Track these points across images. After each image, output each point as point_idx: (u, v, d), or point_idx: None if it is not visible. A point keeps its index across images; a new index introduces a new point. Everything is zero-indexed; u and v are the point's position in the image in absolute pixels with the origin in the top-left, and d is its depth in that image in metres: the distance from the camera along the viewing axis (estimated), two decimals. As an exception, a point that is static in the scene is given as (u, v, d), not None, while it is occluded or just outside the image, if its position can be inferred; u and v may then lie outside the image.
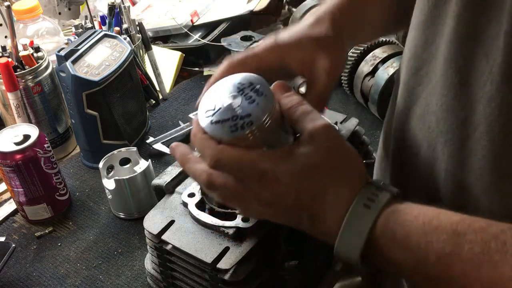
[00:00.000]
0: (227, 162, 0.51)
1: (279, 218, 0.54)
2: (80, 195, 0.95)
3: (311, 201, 0.50)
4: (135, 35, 1.11)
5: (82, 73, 0.91)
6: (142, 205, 0.87)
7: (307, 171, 0.50)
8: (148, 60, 1.16)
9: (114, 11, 1.10)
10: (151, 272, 0.73)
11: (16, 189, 0.87)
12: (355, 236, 0.48)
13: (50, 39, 1.15)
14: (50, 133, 1.02)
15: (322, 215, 0.50)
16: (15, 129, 0.86)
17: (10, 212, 0.92)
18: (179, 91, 1.20)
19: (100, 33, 0.98)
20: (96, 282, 0.79)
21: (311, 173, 0.50)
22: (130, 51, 0.98)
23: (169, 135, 1.04)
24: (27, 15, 1.10)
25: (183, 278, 0.67)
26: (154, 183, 0.72)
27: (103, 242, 0.85)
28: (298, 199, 0.50)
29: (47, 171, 0.87)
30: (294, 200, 0.50)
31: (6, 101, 0.98)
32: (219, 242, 0.63)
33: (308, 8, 1.21)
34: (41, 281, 0.80)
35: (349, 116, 0.83)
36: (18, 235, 0.88)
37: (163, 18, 1.34)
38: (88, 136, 0.97)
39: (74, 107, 0.93)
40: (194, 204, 0.66)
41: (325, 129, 0.52)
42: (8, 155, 0.82)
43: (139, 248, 0.83)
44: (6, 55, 0.97)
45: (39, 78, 0.96)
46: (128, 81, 0.99)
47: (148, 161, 0.88)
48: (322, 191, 0.50)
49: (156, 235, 0.66)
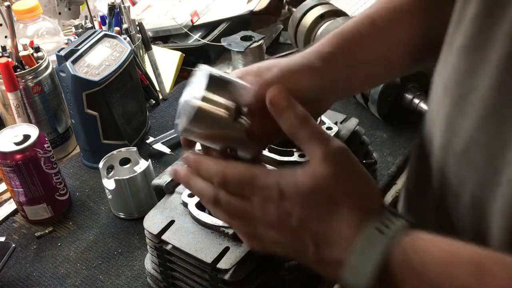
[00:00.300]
0: (233, 177, 0.50)
1: (283, 245, 0.50)
2: (80, 195, 0.95)
3: (316, 222, 0.47)
4: (135, 35, 1.11)
5: (82, 73, 0.91)
6: (142, 205, 0.87)
7: (316, 192, 0.47)
8: (148, 60, 1.16)
9: (114, 11, 1.10)
10: (151, 272, 0.73)
11: (16, 189, 0.87)
12: (365, 262, 0.44)
13: (50, 39, 1.15)
14: (50, 133, 1.02)
15: (328, 239, 0.46)
16: (15, 129, 0.86)
17: (10, 212, 0.92)
18: (179, 91, 1.20)
19: (100, 33, 0.98)
20: (96, 282, 0.79)
21: (320, 195, 0.47)
22: (130, 51, 0.98)
23: (169, 135, 1.03)
24: (27, 15, 1.10)
25: (183, 278, 0.67)
26: (154, 183, 0.72)
27: (103, 242, 0.85)
28: (303, 219, 0.47)
29: (47, 171, 0.87)
30: (299, 220, 0.47)
31: (6, 101, 0.98)
32: (219, 242, 0.63)
33: (308, 8, 1.21)
34: (41, 281, 0.80)
35: (349, 116, 0.83)
36: (18, 235, 0.88)
37: (163, 18, 1.34)
38: (88, 136, 0.97)
39: (74, 107, 0.93)
40: (194, 204, 0.66)
41: (341, 151, 0.48)
42: (8, 155, 0.82)
43: (139, 248, 0.83)
44: (6, 55, 0.97)
45: (39, 78, 0.96)
46: (128, 81, 0.99)
47: (148, 161, 0.88)
48: (330, 212, 0.47)
49: (156, 235, 0.66)
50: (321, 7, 1.21)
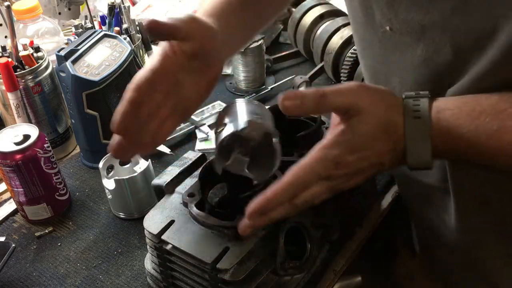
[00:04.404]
0: (305, 179, 0.55)
1: (367, 175, 0.58)
2: (80, 195, 0.95)
3: (371, 151, 0.55)
4: (135, 35, 1.11)
5: (82, 73, 0.91)
6: (142, 205, 0.87)
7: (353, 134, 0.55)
8: (148, 60, 1.16)
9: (114, 11, 1.11)
10: (151, 272, 0.73)
11: (16, 189, 0.87)
12: (419, 142, 0.55)
13: (50, 39, 1.15)
14: (50, 133, 1.02)
15: (394, 149, 0.56)
16: (15, 129, 0.86)
17: (10, 212, 0.92)
18: (179, 91, 1.20)
19: (100, 33, 0.98)
20: (96, 282, 0.79)
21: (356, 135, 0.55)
22: (130, 51, 0.98)
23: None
24: (27, 15, 1.10)
25: (183, 278, 0.67)
26: (154, 183, 0.72)
27: (103, 242, 0.85)
28: (364, 157, 0.55)
29: (47, 171, 0.87)
30: (370, 158, 0.55)
31: (6, 101, 0.98)
32: (219, 242, 0.63)
33: (307, 8, 1.21)
34: (41, 281, 0.80)
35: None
36: (18, 235, 0.88)
37: (163, 18, 1.34)
38: (88, 136, 0.97)
39: (74, 107, 0.93)
40: (194, 204, 0.66)
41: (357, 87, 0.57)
42: (8, 155, 0.82)
43: (139, 248, 0.83)
44: (6, 55, 0.97)
45: (39, 78, 0.96)
46: (128, 81, 0.96)
47: (148, 161, 0.88)
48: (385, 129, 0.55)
49: (156, 235, 0.66)
50: (321, 7, 1.21)
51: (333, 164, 0.54)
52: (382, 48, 0.68)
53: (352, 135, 0.54)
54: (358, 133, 0.54)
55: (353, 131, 0.54)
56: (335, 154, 0.54)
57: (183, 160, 0.75)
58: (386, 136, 0.55)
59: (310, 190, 0.56)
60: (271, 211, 0.56)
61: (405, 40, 0.64)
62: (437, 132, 0.55)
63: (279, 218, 0.57)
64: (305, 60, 1.27)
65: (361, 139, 0.55)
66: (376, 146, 0.55)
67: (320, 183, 0.55)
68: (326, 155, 0.54)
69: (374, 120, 0.54)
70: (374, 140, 0.55)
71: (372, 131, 0.55)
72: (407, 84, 0.67)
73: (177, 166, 0.73)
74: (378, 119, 0.55)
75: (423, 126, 0.55)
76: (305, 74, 1.16)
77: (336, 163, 0.54)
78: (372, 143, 0.55)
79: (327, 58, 1.12)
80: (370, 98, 0.55)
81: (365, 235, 0.82)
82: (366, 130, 0.54)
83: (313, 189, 0.56)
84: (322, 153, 0.55)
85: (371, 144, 0.55)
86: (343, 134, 0.55)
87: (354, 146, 0.54)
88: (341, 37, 1.09)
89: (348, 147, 0.54)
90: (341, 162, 0.54)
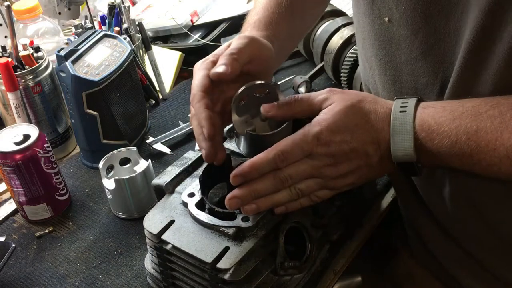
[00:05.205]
0: (287, 149, 0.60)
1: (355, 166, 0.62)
2: (80, 195, 0.95)
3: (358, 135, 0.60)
4: (135, 35, 1.11)
5: (82, 73, 0.91)
6: (142, 205, 0.87)
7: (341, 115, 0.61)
8: (148, 60, 1.16)
9: (114, 11, 1.10)
10: (151, 272, 0.73)
11: (16, 189, 0.87)
12: (403, 134, 0.59)
13: (50, 39, 1.15)
14: (50, 133, 1.02)
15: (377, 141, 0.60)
16: (15, 129, 0.86)
17: (10, 212, 0.92)
18: (179, 91, 1.20)
19: (100, 33, 0.98)
20: (96, 282, 0.79)
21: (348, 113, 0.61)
22: (130, 51, 0.98)
23: (169, 135, 1.04)
24: (27, 15, 1.10)
25: (183, 278, 0.67)
26: (154, 183, 0.72)
27: (103, 242, 0.85)
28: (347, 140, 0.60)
29: (47, 171, 0.87)
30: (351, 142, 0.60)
31: (6, 101, 0.98)
32: (219, 242, 0.63)
33: (308, 8, 1.21)
34: (41, 281, 0.80)
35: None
36: (18, 235, 0.88)
37: (163, 18, 1.34)
38: (88, 136, 0.97)
39: (74, 107, 0.93)
40: (194, 204, 0.66)
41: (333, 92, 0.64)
42: (8, 155, 0.82)
43: (139, 248, 0.83)
44: (6, 55, 0.97)
45: (39, 78, 0.96)
46: (128, 81, 0.99)
47: (148, 161, 0.88)
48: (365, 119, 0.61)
49: (156, 235, 0.66)
50: (321, 7, 1.21)
51: (315, 139, 0.60)
52: (377, 40, 0.70)
53: (329, 116, 0.60)
54: (334, 113, 0.60)
55: (329, 112, 0.61)
56: (316, 130, 0.60)
57: (183, 160, 0.75)
58: (367, 125, 0.60)
59: (294, 165, 0.60)
60: (256, 182, 0.60)
61: (402, 33, 0.65)
62: (420, 127, 0.58)
63: (265, 192, 0.61)
64: (305, 60, 1.27)
65: (337, 119, 0.60)
66: (356, 132, 0.60)
67: (304, 160, 0.60)
68: (308, 131, 0.60)
69: (348, 103, 0.61)
70: (354, 126, 0.60)
71: (346, 113, 0.60)
72: (403, 77, 0.68)
73: (177, 166, 0.73)
74: (351, 103, 0.61)
75: (407, 119, 0.59)
76: (305, 74, 1.16)
77: (318, 139, 0.60)
78: (352, 128, 0.60)
79: (327, 58, 1.12)
80: (341, 92, 0.63)
81: (365, 235, 0.82)
82: (340, 111, 0.60)
83: (297, 165, 0.60)
84: (305, 129, 0.61)
85: (351, 128, 0.60)
86: (322, 115, 0.61)
87: (332, 125, 0.60)
88: (341, 37, 1.09)
89: (327, 126, 0.60)
90: (322, 139, 0.60)
